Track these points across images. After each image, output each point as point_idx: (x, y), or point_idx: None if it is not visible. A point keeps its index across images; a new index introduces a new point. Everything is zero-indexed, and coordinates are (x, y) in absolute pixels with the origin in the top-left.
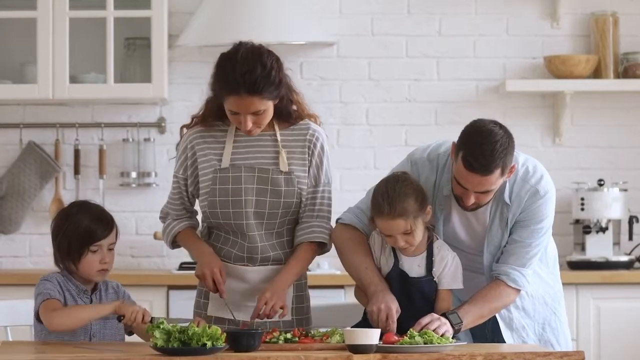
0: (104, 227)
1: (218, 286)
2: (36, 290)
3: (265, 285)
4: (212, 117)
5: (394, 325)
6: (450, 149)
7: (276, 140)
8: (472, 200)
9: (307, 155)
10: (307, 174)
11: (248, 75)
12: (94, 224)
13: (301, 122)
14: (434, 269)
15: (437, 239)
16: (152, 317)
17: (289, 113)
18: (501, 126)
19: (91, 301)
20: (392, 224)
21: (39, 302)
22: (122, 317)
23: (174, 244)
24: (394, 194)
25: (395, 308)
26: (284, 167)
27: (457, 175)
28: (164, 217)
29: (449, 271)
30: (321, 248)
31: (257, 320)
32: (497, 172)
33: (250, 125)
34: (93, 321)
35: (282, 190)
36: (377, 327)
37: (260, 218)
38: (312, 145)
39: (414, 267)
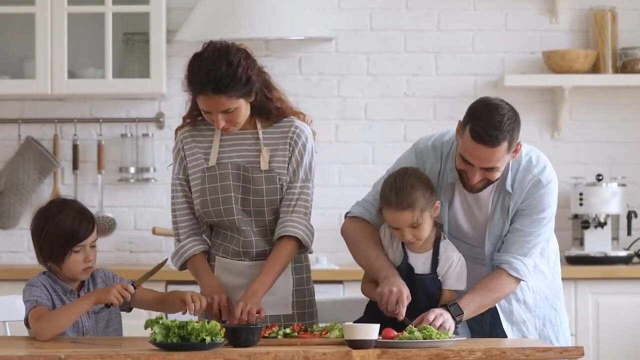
0: (85, 227)
1: (222, 311)
2: (24, 295)
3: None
4: (198, 114)
5: (403, 310)
6: (454, 137)
7: (258, 138)
8: (477, 177)
9: (288, 152)
10: (286, 170)
11: (212, 73)
12: (76, 224)
13: (285, 119)
14: (438, 268)
15: (445, 238)
16: (132, 284)
17: (268, 110)
18: (507, 103)
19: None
20: (399, 215)
21: (27, 310)
22: (109, 304)
23: (183, 266)
24: (402, 185)
25: (406, 293)
26: (264, 165)
27: (464, 150)
28: (175, 234)
29: (454, 272)
30: (300, 245)
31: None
32: (504, 145)
33: (222, 123)
34: (78, 318)
35: (264, 189)
36: (385, 310)
37: (248, 215)
38: (292, 142)
39: (419, 263)
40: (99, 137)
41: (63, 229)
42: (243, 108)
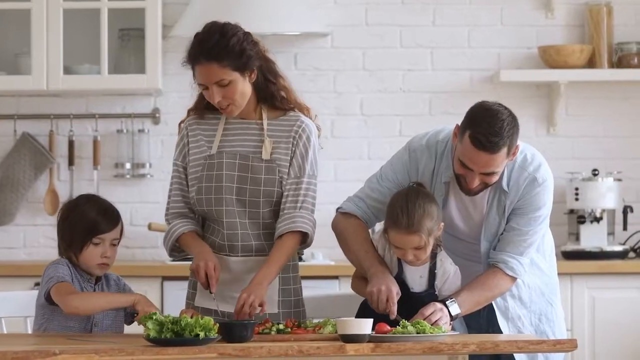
0: (108, 221)
1: (210, 280)
2: (47, 273)
3: (250, 276)
4: (204, 106)
5: (394, 308)
6: (450, 135)
7: (262, 129)
8: (476, 182)
9: (291, 145)
10: (289, 164)
11: (205, 42)
12: (100, 216)
13: (292, 113)
14: (436, 282)
15: (441, 250)
16: None
17: (271, 94)
18: (506, 107)
19: (94, 291)
20: (407, 238)
21: (51, 284)
22: (135, 314)
23: (174, 249)
24: (413, 209)
25: (395, 290)
26: (265, 155)
27: (463, 155)
28: (167, 220)
29: (450, 286)
30: (304, 240)
31: None
32: (504, 151)
33: (218, 98)
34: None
35: (262, 178)
36: (376, 309)
37: (242, 206)
38: (297, 136)
39: (416, 277)
40: (94, 133)
41: (86, 218)
42: (239, 84)
